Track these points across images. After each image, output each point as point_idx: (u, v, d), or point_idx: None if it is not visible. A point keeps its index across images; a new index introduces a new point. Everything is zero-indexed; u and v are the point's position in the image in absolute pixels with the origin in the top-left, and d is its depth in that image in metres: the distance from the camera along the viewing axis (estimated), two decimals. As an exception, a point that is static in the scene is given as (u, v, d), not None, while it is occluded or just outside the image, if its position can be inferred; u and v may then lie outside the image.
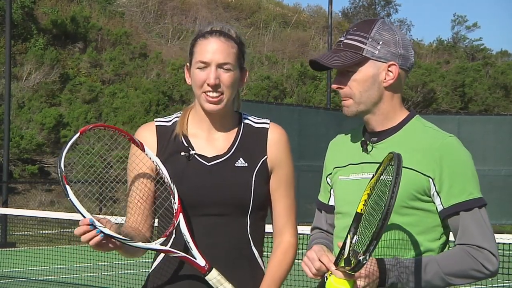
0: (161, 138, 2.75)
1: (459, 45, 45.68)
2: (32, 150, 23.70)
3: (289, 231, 2.78)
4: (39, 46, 28.10)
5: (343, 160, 2.67)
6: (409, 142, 2.56)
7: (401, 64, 2.59)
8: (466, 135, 19.93)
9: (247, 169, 2.71)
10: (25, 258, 13.14)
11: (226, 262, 2.66)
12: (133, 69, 30.13)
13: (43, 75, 27.00)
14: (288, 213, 2.79)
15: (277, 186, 2.77)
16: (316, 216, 2.81)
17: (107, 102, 27.37)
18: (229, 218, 2.68)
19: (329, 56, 2.60)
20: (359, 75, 2.57)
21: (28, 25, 28.42)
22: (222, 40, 2.71)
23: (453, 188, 2.49)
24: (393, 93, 2.60)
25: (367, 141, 2.62)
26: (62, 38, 29.94)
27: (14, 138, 22.60)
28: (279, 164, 2.77)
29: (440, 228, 2.55)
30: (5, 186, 17.93)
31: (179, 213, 2.63)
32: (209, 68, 2.68)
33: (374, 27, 2.59)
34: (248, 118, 2.84)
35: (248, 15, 40.15)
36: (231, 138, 2.76)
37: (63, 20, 29.74)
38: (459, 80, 34.71)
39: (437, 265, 2.46)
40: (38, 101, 26.06)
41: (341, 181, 2.65)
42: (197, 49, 2.71)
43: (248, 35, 37.48)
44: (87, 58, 29.71)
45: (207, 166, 2.71)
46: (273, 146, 2.77)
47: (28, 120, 24.87)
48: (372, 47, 2.56)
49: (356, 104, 2.59)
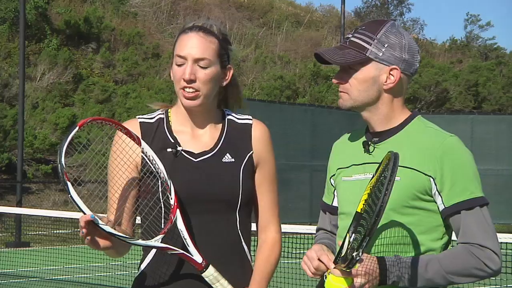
0: (145, 135, 2.70)
1: (472, 44, 45.47)
2: (45, 150, 23.79)
3: (274, 227, 2.78)
4: (53, 47, 28.21)
5: (346, 161, 2.68)
6: (410, 142, 2.57)
7: (403, 69, 2.59)
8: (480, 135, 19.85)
9: (235, 165, 2.70)
10: (39, 258, 13.20)
11: (218, 260, 2.63)
12: (146, 69, 30.20)
13: (56, 75, 27.10)
14: (272, 209, 2.78)
15: (261, 181, 2.75)
16: (321, 217, 2.82)
17: (120, 102, 27.44)
18: (218, 215, 2.67)
19: (334, 52, 2.60)
20: (360, 75, 2.58)
21: (42, 26, 28.54)
22: (201, 35, 2.66)
23: (454, 187, 2.49)
24: (392, 97, 2.61)
25: (369, 142, 2.63)
26: (76, 39, 30.04)
27: (27, 138, 22.70)
28: (263, 159, 2.76)
29: (442, 227, 2.55)
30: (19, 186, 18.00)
31: (176, 209, 2.59)
32: (186, 64, 2.66)
33: (382, 29, 2.59)
34: (231, 114, 2.81)
35: (260, 15, 40.13)
36: (216, 134, 2.74)
37: (77, 21, 29.84)
38: (473, 80, 34.55)
39: (438, 264, 2.46)
40: (52, 101, 26.16)
41: (344, 182, 2.66)
42: (176, 44, 2.69)
43: (260, 34, 37.48)
44: (100, 58, 29.80)
45: (194, 162, 2.68)
46: (257, 142, 2.76)
47: (41, 120, 24.97)
48: (377, 49, 2.56)
49: (352, 100, 2.61)
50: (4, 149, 22.64)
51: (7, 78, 25.57)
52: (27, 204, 20.16)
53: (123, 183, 2.67)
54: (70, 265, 12.90)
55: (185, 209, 2.64)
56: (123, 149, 2.66)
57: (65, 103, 26.88)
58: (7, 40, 27.79)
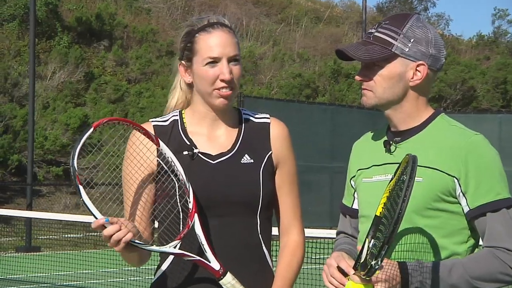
0: (160, 138, 2.68)
1: (500, 40, 45.20)
2: (56, 151, 23.92)
3: (296, 229, 2.77)
4: (64, 44, 28.35)
5: (367, 161, 2.67)
6: (433, 141, 2.55)
7: (430, 65, 2.58)
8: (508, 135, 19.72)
9: (254, 166, 2.70)
10: (50, 263, 13.27)
11: (237, 265, 2.63)
12: (160, 67, 30.28)
13: (67, 74, 27.24)
14: (293, 211, 2.77)
15: (282, 182, 2.75)
16: (341, 220, 2.81)
17: (133, 101, 27.54)
18: (239, 218, 2.66)
19: (357, 47, 2.59)
20: (385, 71, 2.57)
21: (53, 23, 28.69)
22: (226, 31, 2.68)
23: (480, 188, 2.47)
24: (418, 94, 2.60)
25: (390, 141, 2.62)
26: (87, 36, 30.18)
27: (38, 139, 22.83)
28: (283, 159, 2.76)
29: (467, 231, 2.53)
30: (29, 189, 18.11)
31: (194, 213, 2.58)
32: (220, 63, 2.65)
33: (407, 23, 2.58)
34: (248, 113, 2.80)
35: (278, 10, 40.12)
36: (234, 135, 2.74)
37: (88, 17, 29.97)
38: (501, 77, 34.35)
39: (462, 268, 2.44)
40: (63, 101, 26.30)
41: (365, 183, 2.65)
42: (200, 44, 2.67)
43: (278, 31, 37.47)
44: (112, 56, 29.92)
45: (212, 164, 2.68)
46: (276, 141, 2.75)
47: (52, 120, 25.10)
48: (403, 44, 2.56)
49: (377, 98, 2.59)
50: (14, 150, 22.78)
51: (17, 77, 25.73)
52: (38, 207, 20.27)
53: (141, 185, 2.66)
54: (82, 271, 12.95)
55: (203, 212, 2.63)
56: (140, 150, 2.65)
57: (76, 103, 27.01)
58: (17, 38, 27.97)
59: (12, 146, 22.82)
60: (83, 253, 14.41)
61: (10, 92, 25.46)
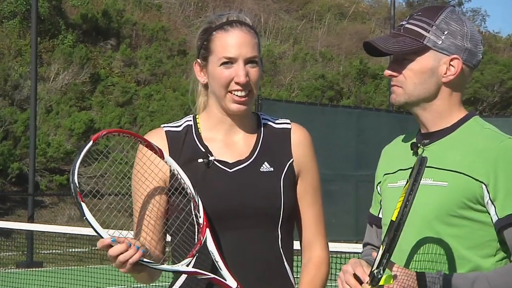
0: (172, 145, 2.70)
1: (542, 38, 44.98)
2: (60, 159, 24.05)
3: (320, 244, 2.78)
4: (68, 43, 28.53)
5: (393, 165, 2.67)
6: (462, 144, 2.54)
7: (465, 60, 2.57)
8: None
9: (274, 174, 2.70)
10: (53, 279, 13.32)
11: (257, 282, 2.64)
12: (171, 68, 30.38)
13: (72, 75, 27.40)
14: (317, 223, 2.77)
15: (304, 192, 2.75)
16: (367, 231, 2.81)
17: (143, 105, 27.64)
18: (258, 231, 2.66)
19: (386, 40, 2.59)
20: (416, 65, 2.56)
21: (56, 20, 28.88)
22: (245, 31, 2.68)
23: (510, 195, 2.44)
24: (452, 91, 2.59)
25: (418, 143, 2.61)
26: (93, 34, 30.34)
27: (40, 146, 22.96)
28: (305, 168, 2.76)
29: (495, 243, 2.49)
30: (31, 199, 18.20)
31: (205, 229, 2.58)
32: (236, 64, 2.65)
33: (441, 15, 2.58)
34: (267, 118, 2.80)
35: (299, 6, 40.17)
36: (252, 141, 2.74)
37: (94, 14, 30.14)
38: (542, 78, 34.19)
39: (486, 283, 2.41)
40: (67, 104, 26.45)
41: (389, 189, 2.66)
42: (216, 43, 2.67)
43: (299, 28, 37.51)
44: (120, 56, 30.06)
45: (230, 173, 2.68)
46: (298, 148, 2.75)
47: (56, 125, 25.25)
48: (436, 36, 2.55)
49: (407, 95, 2.59)
50: (14, 158, 22.93)
51: (18, 79, 25.91)
52: (40, 219, 20.37)
53: (150, 202, 2.67)
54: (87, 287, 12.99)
55: (219, 225, 2.63)
56: (149, 166, 2.64)
57: (81, 106, 27.15)
58: (18, 36, 28.17)
59: (13, 153, 22.97)
60: (89, 268, 14.46)
61: (10, 95, 25.64)
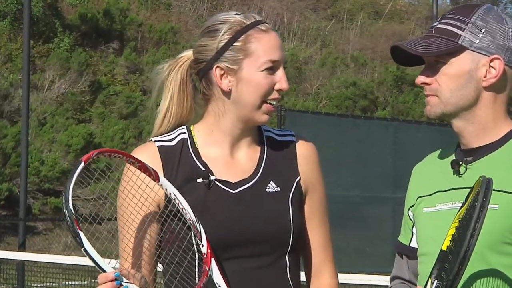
0: (167, 163, 2.70)
1: None
2: (55, 179, 24.14)
3: (329, 271, 2.80)
4: (65, 47, 28.70)
5: (429, 187, 2.66)
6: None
7: (508, 60, 2.56)
8: None
9: (281, 195, 2.71)
10: (46, 316, 13.33)
11: None
12: (181, 75, 30.49)
13: (69, 83, 27.56)
14: (326, 248, 2.80)
15: (312, 213, 2.77)
16: (396, 262, 2.80)
17: (149, 117, 27.72)
18: (265, 260, 2.68)
19: (416, 42, 2.59)
20: (451, 69, 2.56)
21: (51, 21, 29.07)
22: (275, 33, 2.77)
23: None
24: (494, 97, 2.57)
25: (459, 161, 2.60)
26: (93, 37, 30.52)
27: (32, 164, 23.06)
28: (313, 186, 2.78)
29: None
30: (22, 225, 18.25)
31: (210, 258, 2.60)
32: (279, 70, 2.69)
33: (476, 11, 2.57)
34: (269, 130, 2.82)
35: (328, 4, 40.26)
36: (255, 157, 2.75)
37: (94, 14, 30.32)
38: None
39: None
40: (63, 116, 26.58)
41: (426, 214, 2.64)
42: (256, 44, 2.67)
43: (328, 29, 37.55)
44: (124, 61, 30.21)
45: (233, 194, 2.69)
46: (305, 164, 2.78)
47: (50, 140, 25.36)
48: (472, 35, 2.55)
49: (443, 104, 2.58)
50: (3, 177, 23.05)
51: (8, 87, 26.08)
52: (32, 247, 20.42)
53: (142, 227, 2.66)
54: (86, 326, 13.01)
55: (224, 254, 2.65)
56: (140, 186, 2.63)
57: (79, 119, 27.28)
58: (8, 39, 28.37)
59: (2, 172, 23.09)
60: (88, 304, 14.47)
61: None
